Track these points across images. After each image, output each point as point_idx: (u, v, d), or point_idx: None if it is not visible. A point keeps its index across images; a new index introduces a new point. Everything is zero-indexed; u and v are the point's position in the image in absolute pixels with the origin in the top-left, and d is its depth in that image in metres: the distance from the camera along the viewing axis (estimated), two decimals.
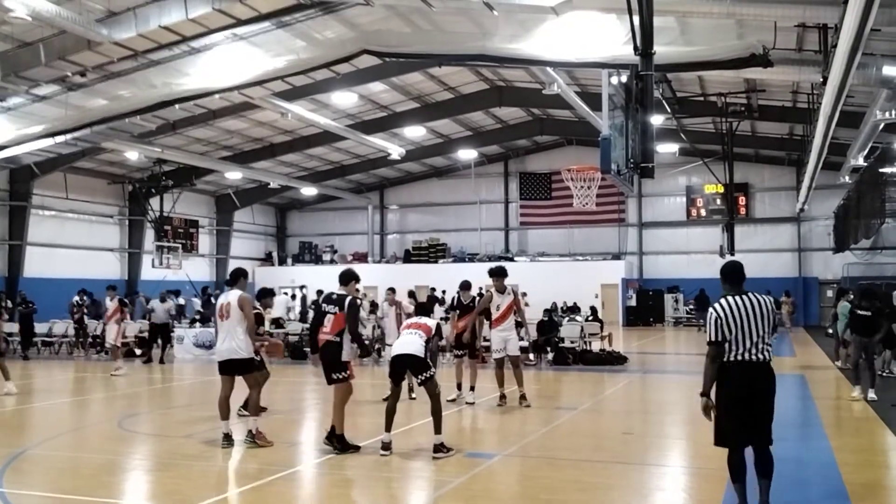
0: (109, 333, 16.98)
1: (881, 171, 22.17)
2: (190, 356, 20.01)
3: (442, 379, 8.93)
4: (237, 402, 8.98)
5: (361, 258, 39.01)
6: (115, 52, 16.55)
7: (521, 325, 11.70)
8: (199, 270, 35.31)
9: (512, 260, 34.51)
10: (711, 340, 5.46)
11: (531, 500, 6.50)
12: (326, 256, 40.47)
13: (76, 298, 21.23)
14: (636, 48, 8.75)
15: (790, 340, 24.53)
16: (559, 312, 25.26)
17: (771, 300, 5.69)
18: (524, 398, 11.32)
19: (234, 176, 32.56)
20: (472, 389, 11.60)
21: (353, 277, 8.61)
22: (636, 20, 8.73)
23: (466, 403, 11.43)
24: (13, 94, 18.64)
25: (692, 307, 32.54)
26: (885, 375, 14.25)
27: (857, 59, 10.41)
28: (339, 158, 34.71)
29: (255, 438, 8.37)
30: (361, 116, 28.30)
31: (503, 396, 11.44)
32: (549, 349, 17.86)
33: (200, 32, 16.13)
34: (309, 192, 37.07)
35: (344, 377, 8.18)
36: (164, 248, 31.65)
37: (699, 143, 28.06)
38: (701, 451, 8.46)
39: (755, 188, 35.43)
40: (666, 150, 28.10)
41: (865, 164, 22.42)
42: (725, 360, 5.45)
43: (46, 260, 28.65)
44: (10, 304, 23.45)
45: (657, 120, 21.23)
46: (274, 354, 10.33)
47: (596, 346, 18.96)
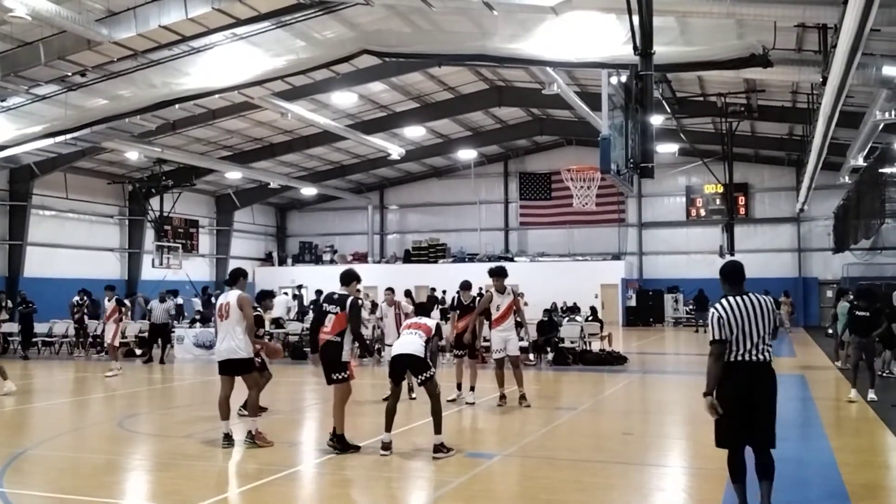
0: (108, 334, 17.02)
1: (881, 171, 22.17)
2: (190, 356, 20.03)
3: (442, 379, 8.93)
4: (237, 402, 8.98)
5: (361, 258, 39.01)
6: (114, 51, 16.54)
7: (520, 325, 11.71)
8: (199, 270, 35.34)
9: (512, 260, 34.50)
10: (715, 339, 5.44)
11: (531, 500, 6.50)
12: (326, 256, 40.49)
13: (76, 298, 21.23)
14: (636, 48, 8.75)
15: (790, 341, 24.53)
16: (559, 312, 25.25)
17: (771, 300, 5.68)
18: (524, 398, 11.32)
19: (234, 176, 32.58)
20: (472, 389, 11.61)
21: (354, 277, 8.63)
22: (636, 20, 8.74)
23: (466, 403, 11.43)
24: (13, 93, 18.62)
25: (692, 307, 32.54)
26: (884, 376, 14.25)
27: (856, 59, 10.41)
28: (338, 158, 34.72)
29: (254, 439, 8.37)
30: (361, 116, 28.31)
31: (503, 396, 11.44)
32: (548, 349, 17.87)
33: (200, 32, 16.12)
34: (309, 192, 37.08)
35: (344, 377, 8.19)
36: (164, 248, 31.65)
37: (699, 143, 28.08)
38: (701, 451, 8.47)
39: (755, 188, 35.44)
40: (666, 150, 28.10)
41: (865, 164, 22.42)
42: (725, 360, 5.44)
43: (46, 260, 28.65)
44: (10, 304, 23.46)
45: (657, 120, 21.23)
46: (273, 357, 10.33)
47: (596, 346, 18.97)
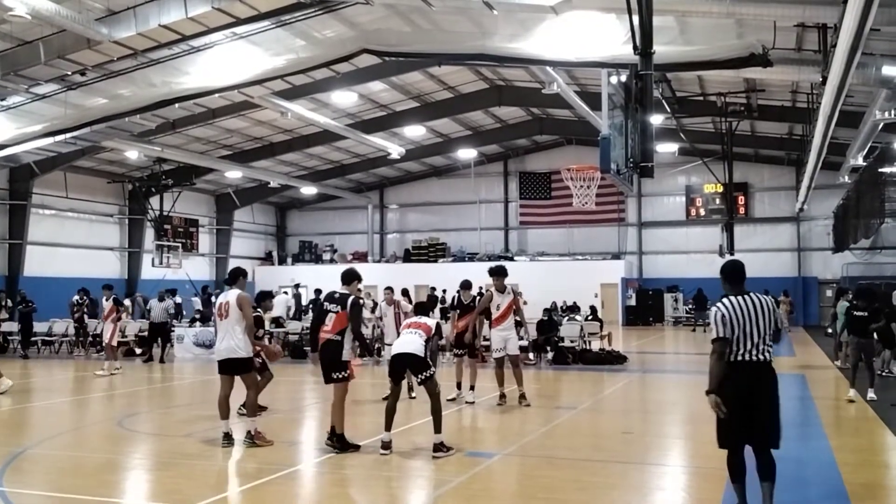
0: (105, 333, 17.01)
1: (880, 170, 22.17)
2: (190, 355, 20.03)
3: (442, 378, 8.93)
4: (237, 401, 8.97)
5: (361, 257, 39.01)
6: (114, 50, 16.53)
7: (520, 324, 11.71)
8: (199, 270, 35.33)
9: (511, 259, 34.51)
10: (717, 337, 5.41)
11: (531, 499, 6.50)
12: (326, 256, 40.50)
13: (76, 297, 21.23)
14: (635, 48, 8.76)
15: (789, 340, 24.53)
16: (559, 312, 25.26)
17: (772, 300, 5.65)
18: (524, 397, 11.32)
19: (233, 175, 32.57)
20: (471, 389, 11.61)
21: (355, 277, 8.64)
22: (635, 20, 8.74)
23: (466, 403, 11.43)
24: (13, 92, 18.62)
25: (691, 307, 32.55)
26: (884, 375, 14.26)
27: (856, 58, 10.42)
28: (338, 158, 34.72)
29: (254, 439, 8.37)
30: (361, 116, 28.30)
31: (503, 396, 11.45)
32: (548, 349, 17.87)
33: (200, 31, 16.12)
34: (309, 191, 37.08)
35: (344, 376, 8.18)
36: (164, 247, 31.64)
37: (699, 142, 28.08)
38: (700, 450, 8.48)
39: (755, 188, 35.44)
40: (665, 149, 28.09)
41: (865, 163, 22.41)
42: (726, 360, 5.42)
43: (46, 259, 28.66)
44: (9, 303, 23.44)
45: (657, 119, 21.23)
46: (273, 359, 10.33)
47: (595, 345, 18.98)
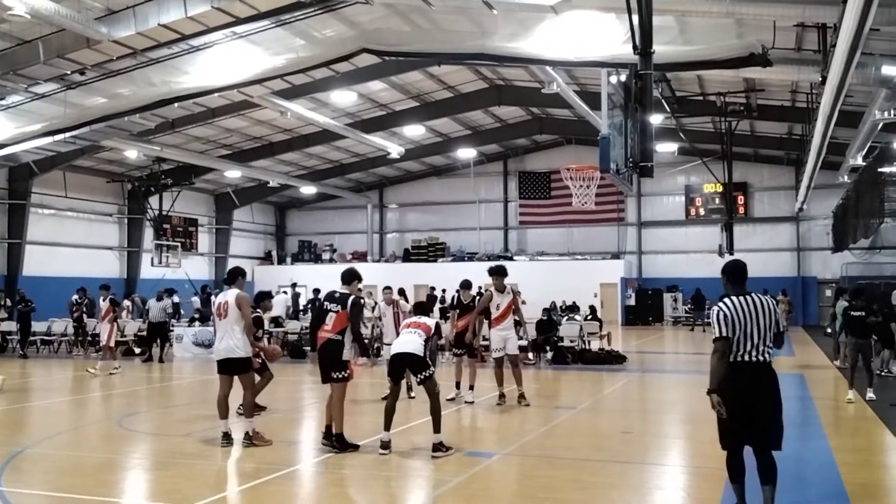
0: (102, 333, 16.97)
1: (880, 170, 22.15)
2: (189, 355, 20.04)
3: (441, 378, 8.93)
4: (236, 400, 8.97)
5: (361, 257, 39.00)
6: (114, 50, 16.50)
7: (519, 323, 11.70)
8: (198, 269, 35.31)
9: (511, 259, 34.51)
10: (719, 336, 5.39)
11: (530, 498, 6.50)
12: (326, 255, 40.49)
13: (75, 297, 21.22)
14: (635, 47, 8.75)
15: (789, 340, 24.52)
16: (558, 311, 25.24)
17: (773, 302, 5.62)
18: (523, 397, 11.32)
19: (233, 174, 32.56)
20: (471, 388, 11.61)
21: (355, 276, 8.64)
22: (635, 19, 8.74)
23: (466, 402, 11.43)
24: (12, 92, 18.59)
25: (690, 307, 32.56)
26: (883, 375, 14.26)
27: (856, 58, 10.41)
28: (338, 157, 34.71)
29: (252, 439, 8.36)
30: (361, 115, 28.29)
31: (502, 395, 11.45)
32: (548, 348, 17.87)
33: (199, 31, 16.09)
34: (308, 190, 37.07)
35: (344, 376, 8.18)
36: (163, 246, 31.62)
37: (698, 142, 28.07)
38: (700, 450, 8.49)
39: (754, 187, 35.45)
40: (665, 149, 28.08)
41: (864, 163, 22.40)
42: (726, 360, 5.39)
43: (46, 258, 28.64)
44: (9, 302, 23.43)
45: (656, 119, 21.22)
46: (272, 360, 10.32)
47: (595, 345, 18.98)
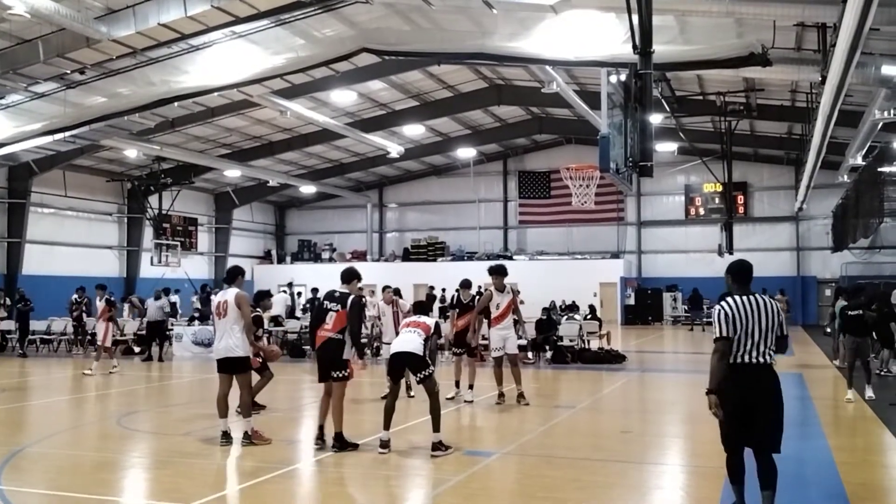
0: (99, 333, 16.95)
1: (880, 170, 22.15)
2: (189, 354, 20.05)
3: (441, 377, 8.93)
4: (236, 400, 8.96)
5: (360, 256, 39.01)
6: (113, 49, 16.49)
7: (518, 323, 11.67)
8: (198, 268, 35.32)
9: (511, 258, 34.51)
10: (720, 336, 5.37)
11: (529, 498, 6.50)
12: (325, 255, 40.49)
13: (74, 297, 21.22)
14: (635, 47, 8.75)
15: (788, 339, 24.54)
16: (558, 311, 25.24)
17: (777, 304, 5.56)
18: (522, 396, 11.32)
19: (233, 174, 32.56)
20: (470, 388, 11.61)
21: (355, 276, 8.64)
22: (635, 19, 8.74)
23: (465, 402, 11.43)
24: (12, 91, 18.58)
25: (688, 306, 32.56)
26: (883, 374, 14.27)
27: (855, 58, 10.41)
28: (338, 156, 34.71)
29: (251, 438, 8.36)
30: (360, 115, 28.29)
31: (501, 395, 11.45)
32: (547, 348, 17.87)
33: (199, 30, 16.09)
34: (308, 190, 37.07)
35: (344, 375, 8.17)
36: (162, 245, 31.61)
37: (698, 141, 28.08)
38: (699, 449, 8.49)
39: (754, 187, 35.45)
40: (665, 148, 28.09)
41: (864, 163, 22.40)
42: (727, 361, 5.35)
43: (45, 257, 28.65)
44: (8, 301, 23.42)
45: (656, 119, 21.22)
46: (271, 360, 10.31)
47: (594, 344, 18.97)
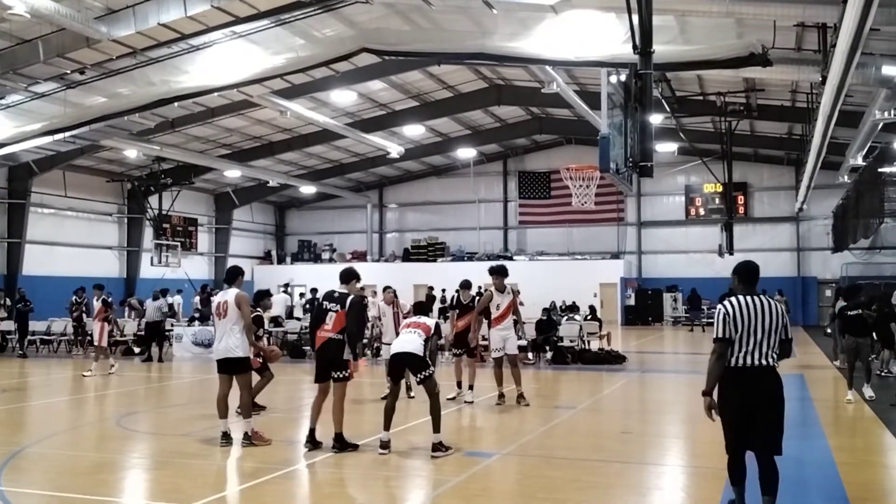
0: (95, 333, 16.90)
1: (880, 170, 22.14)
2: (189, 354, 20.05)
3: (441, 378, 8.92)
4: (236, 400, 8.95)
5: (360, 257, 39.01)
6: (113, 49, 16.49)
7: (517, 323, 11.65)
8: (198, 269, 35.32)
9: (511, 259, 34.52)
10: (718, 337, 5.34)
11: (529, 498, 6.49)
12: (325, 255, 40.49)
13: (74, 298, 21.21)
14: (635, 47, 8.74)
15: None
16: (558, 311, 25.23)
17: (782, 307, 5.49)
18: (522, 397, 11.32)
19: (233, 174, 32.55)
20: (470, 388, 11.61)
21: (354, 276, 8.64)
22: (635, 19, 8.73)
23: (465, 402, 11.43)
24: (12, 91, 18.58)
25: (688, 307, 32.56)
26: (884, 375, 14.26)
27: (856, 58, 10.40)
28: (338, 157, 34.70)
29: (251, 439, 8.35)
30: (360, 115, 28.28)
31: (502, 395, 11.44)
32: (547, 348, 17.86)
33: (199, 30, 16.08)
34: (308, 190, 37.07)
35: (344, 376, 8.16)
36: (163, 246, 31.63)
37: (698, 142, 28.07)
38: (699, 450, 8.49)
39: (754, 187, 35.45)
40: (665, 149, 28.08)
41: (864, 163, 22.39)
42: (728, 361, 5.32)
43: (45, 258, 28.66)
44: (8, 301, 23.42)
45: (656, 119, 21.22)
46: (272, 360, 10.30)
47: (594, 345, 18.97)
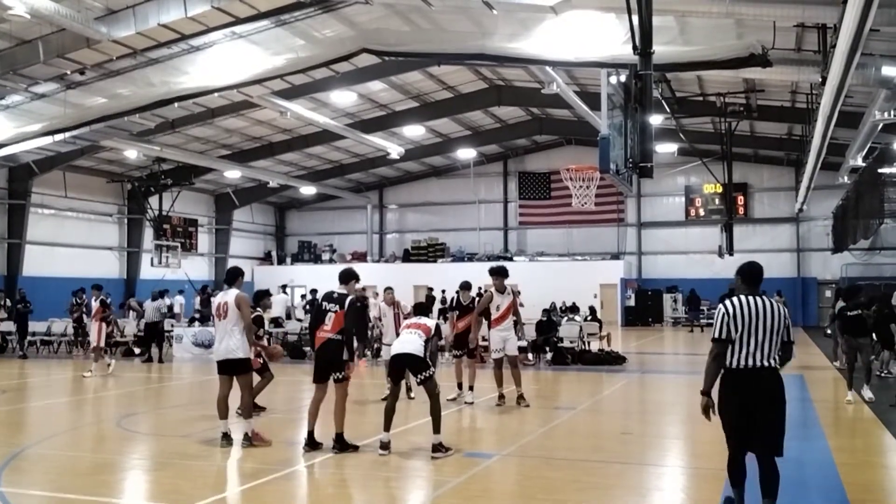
0: (92, 333, 16.89)
1: (880, 171, 22.15)
2: (189, 355, 20.05)
3: (441, 379, 8.92)
4: (236, 401, 8.95)
5: (360, 257, 39.02)
6: (114, 50, 16.51)
7: (517, 324, 11.64)
8: (198, 269, 35.32)
9: (511, 260, 34.51)
10: (716, 337, 5.33)
11: (529, 499, 6.49)
12: (325, 256, 40.49)
13: (74, 298, 21.21)
14: (635, 48, 8.75)
15: None
16: (558, 312, 25.23)
17: (784, 308, 5.47)
18: (522, 398, 11.31)
19: (233, 175, 32.55)
20: (470, 389, 11.61)
21: (353, 276, 8.63)
22: (635, 19, 8.74)
23: (465, 403, 11.43)
24: (12, 91, 18.61)
25: (687, 307, 32.56)
26: (884, 376, 14.27)
27: (855, 59, 10.41)
28: (338, 157, 34.71)
29: (252, 440, 8.35)
30: (360, 115, 28.29)
31: (502, 396, 11.44)
32: (547, 349, 17.86)
33: (199, 30, 16.10)
34: (308, 191, 37.06)
35: (345, 376, 8.16)
36: (163, 246, 31.63)
37: (698, 142, 28.08)
38: (699, 450, 8.49)
39: (754, 188, 35.45)
40: (665, 149, 28.10)
41: (864, 164, 22.40)
42: (728, 362, 5.31)
43: (45, 258, 28.66)
44: (8, 302, 23.41)
45: (656, 120, 21.22)
46: (274, 360, 10.31)
47: (594, 346, 18.97)
